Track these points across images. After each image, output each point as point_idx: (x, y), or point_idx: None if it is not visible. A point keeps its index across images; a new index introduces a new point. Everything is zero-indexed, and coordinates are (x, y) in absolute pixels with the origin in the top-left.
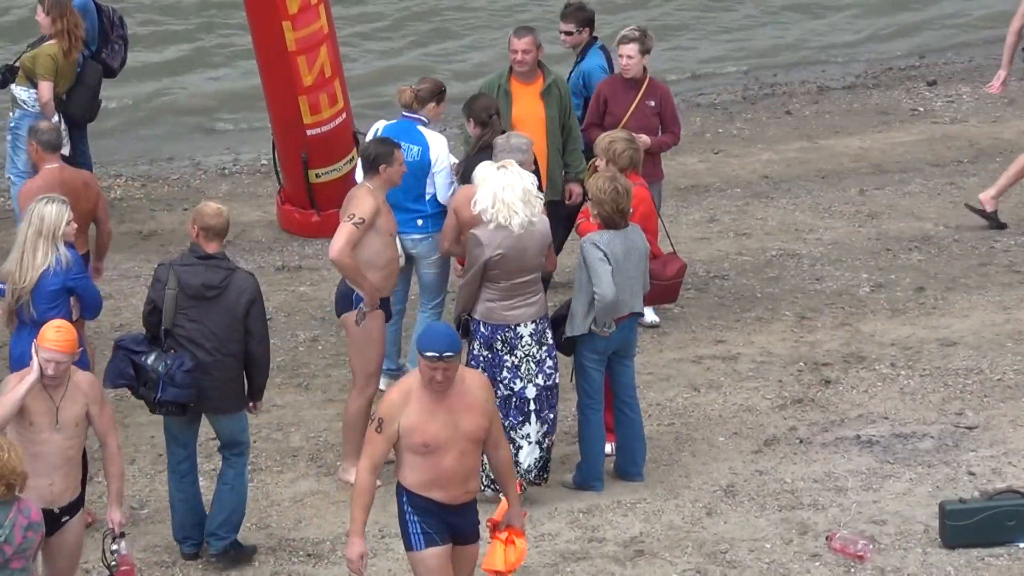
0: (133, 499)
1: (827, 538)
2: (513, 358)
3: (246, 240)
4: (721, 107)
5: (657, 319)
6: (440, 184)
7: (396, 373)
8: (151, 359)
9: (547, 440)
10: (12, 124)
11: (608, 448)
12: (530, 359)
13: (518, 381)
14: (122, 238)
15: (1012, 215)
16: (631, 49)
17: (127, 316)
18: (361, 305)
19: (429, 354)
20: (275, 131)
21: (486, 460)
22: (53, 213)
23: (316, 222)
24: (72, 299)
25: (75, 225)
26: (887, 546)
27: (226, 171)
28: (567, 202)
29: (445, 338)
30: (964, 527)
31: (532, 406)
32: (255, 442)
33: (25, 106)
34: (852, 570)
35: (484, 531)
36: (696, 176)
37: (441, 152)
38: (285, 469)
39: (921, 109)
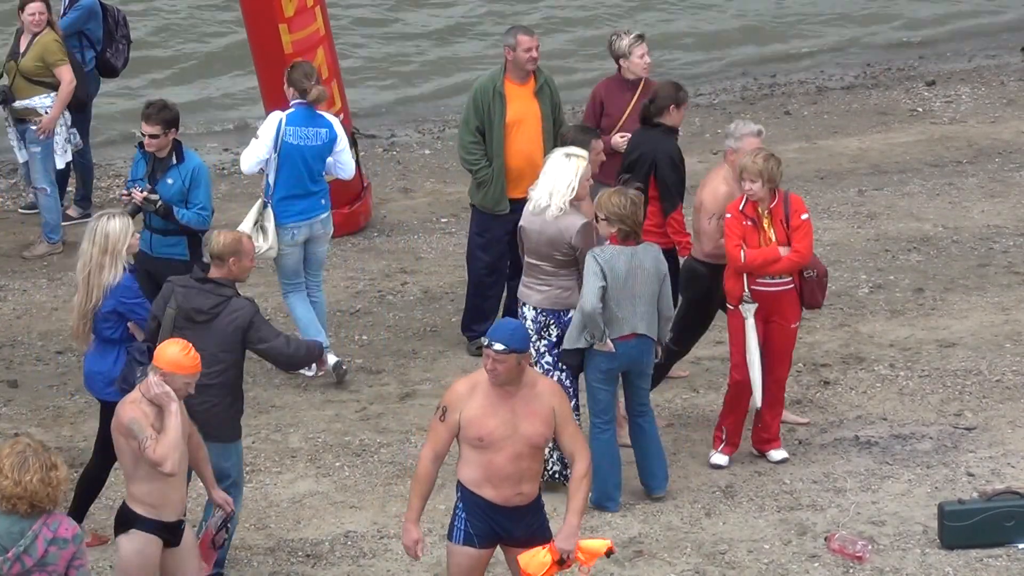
0: None
1: (826, 539)
2: None
3: None
4: (720, 107)
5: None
6: (345, 160)
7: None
8: (140, 374)
9: None
10: (33, 137)
11: (724, 460)
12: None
13: None
14: None
15: (1012, 215)
16: (645, 49)
17: None
18: None
19: (485, 340)
20: None
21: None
22: (117, 228)
23: None
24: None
25: (138, 237)
26: (886, 547)
27: (225, 171)
28: None
29: (502, 331)
30: (963, 528)
31: None
32: (253, 443)
33: (45, 113)
34: (851, 571)
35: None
36: (695, 177)
37: (341, 131)
38: (284, 470)
39: (920, 109)
